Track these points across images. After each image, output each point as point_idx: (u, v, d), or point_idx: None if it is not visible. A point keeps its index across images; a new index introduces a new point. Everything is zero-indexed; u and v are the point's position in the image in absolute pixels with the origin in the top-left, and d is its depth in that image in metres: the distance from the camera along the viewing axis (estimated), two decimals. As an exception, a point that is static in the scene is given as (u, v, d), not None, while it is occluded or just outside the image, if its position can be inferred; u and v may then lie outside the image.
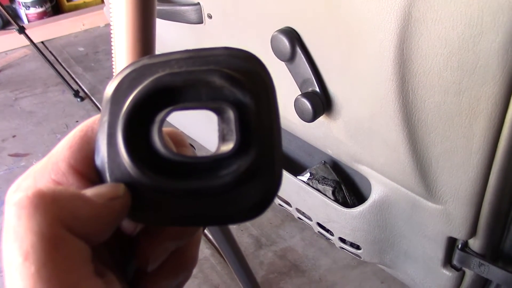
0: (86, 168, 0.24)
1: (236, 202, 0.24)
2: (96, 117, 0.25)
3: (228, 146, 0.23)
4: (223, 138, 0.24)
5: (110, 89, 0.24)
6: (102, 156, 0.24)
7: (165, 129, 0.27)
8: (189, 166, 0.24)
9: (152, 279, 0.26)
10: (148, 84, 0.23)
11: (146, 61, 0.24)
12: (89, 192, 0.23)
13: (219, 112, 0.24)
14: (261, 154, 0.23)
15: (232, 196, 0.24)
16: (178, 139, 0.28)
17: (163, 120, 0.24)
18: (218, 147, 0.24)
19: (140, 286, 0.26)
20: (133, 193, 0.24)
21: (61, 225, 0.20)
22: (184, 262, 0.27)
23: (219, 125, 0.24)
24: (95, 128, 0.25)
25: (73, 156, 0.24)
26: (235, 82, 0.23)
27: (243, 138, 0.23)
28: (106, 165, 0.24)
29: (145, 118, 0.24)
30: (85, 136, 0.24)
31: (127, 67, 0.24)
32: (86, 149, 0.24)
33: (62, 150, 0.24)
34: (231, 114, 0.23)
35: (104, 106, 0.24)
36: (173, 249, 0.26)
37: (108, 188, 0.23)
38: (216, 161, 0.24)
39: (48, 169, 0.24)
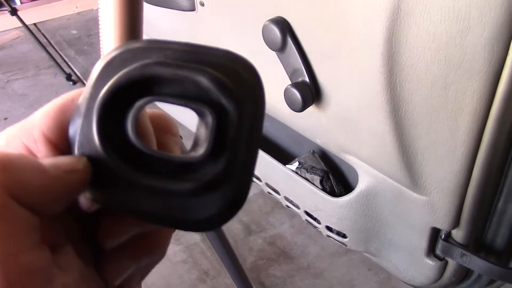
0: (58, 138, 0.24)
1: (193, 210, 0.23)
2: (80, 90, 0.25)
3: (199, 151, 0.23)
4: (198, 141, 0.23)
5: (100, 63, 0.24)
6: (76, 128, 0.23)
7: (153, 111, 0.27)
8: (155, 161, 0.23)
9: (113, 257, 0.26)
10: (135, 68, 0.23)
11: (143, 44, 0.24)
12: (47, 161, 0.22)
13: (201, 114, 0.23)
14: (230, 167, 0.22)
15: (190, 203, 0.23)
16: (163, 125, 0.27)
17: (141, 108, 0.24)
18: (191, 149, 0.24)
19: (102, 262, 0.26)
20: (96, 172, 0.23)
21: (6, 193, 0.20)
22: (148, 246, 0.27)
23: (197, 127, 0.24)
24: (76, 99, 0.24)
25: (47, 124, 0.24)
26: (223, 87, 0.22)
27: (216, 146, 0.22)
28: (77, 137, 0.23)
29: (125, 101, 0.23)
30: (63, 106, 0.24)
31: (122, 45, 0.24)
32: (61, 120, 0.24)
33: (38, 116, 0.24)
34: (210, 119, 0.22)
35: (91, 79, 0.24)
36: (136, 233, 0.26)
37: (68, 160, 0.23)
38: (183, 164, 0.23)
39: (22, 133, 0.24)
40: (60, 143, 0.24)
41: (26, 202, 0.21)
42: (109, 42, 0.36)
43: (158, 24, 1.00)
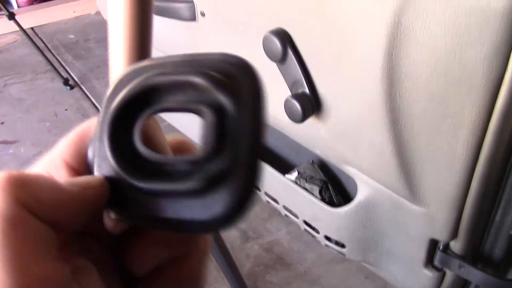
0: (78, 164, 0.25)
1: (204, 209, 0.23)
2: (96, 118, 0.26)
3: (204, 150, 0.23)
4: (203, 142, 0.24)
5: (108, 89, 0.25)
6: (93, 151, 0.25)
7: (174, 136, 0.28)
8: (164, 165, 0.24)
9: (144, 286, 0.26)
10: (135, 84, 0.24)
11: (145, 63, 0.25)
12: (65, 180, 0.23)
13: (203, 116, 0.24)
14: (233, 161, 0.23)
15: (205, 201, 0.23)
16: (185, 147, 0.28)
17: (147, 119, 0.25)
18: (198, 150, 0.24)
19: None
20: (115, 189, 0.24)
21: (23, 207, 0.21)
22: (181, 277, 0.26)
23: (201, 128, 0.24)
24: (92, 126, 0.26)
25: (67, 151, 0.25)
26: (220, 85, 0.23)
27: (219, 141, 0.23)
28: (95, 159, 0.25)
29: (130, 117, 0.24)
30: (81, 133, 0.26)
31: (128, 68, 0.25)
32: (80, 146, 0.25)
33: (60, 146, 0.26)
34: (210, 117, 0.23)
35: (102, 105, 0.25)
36: (164, 257, 0.26)
37: (84, 178, 0.24)
38: (189, 163, 0.23)
39: (45, 163, 0.25)
40: (80, 168, 0.25)
41: (43, 216, 0.21)
42: (118, 65, 0.36)
43: (159, 34, 1.01)
